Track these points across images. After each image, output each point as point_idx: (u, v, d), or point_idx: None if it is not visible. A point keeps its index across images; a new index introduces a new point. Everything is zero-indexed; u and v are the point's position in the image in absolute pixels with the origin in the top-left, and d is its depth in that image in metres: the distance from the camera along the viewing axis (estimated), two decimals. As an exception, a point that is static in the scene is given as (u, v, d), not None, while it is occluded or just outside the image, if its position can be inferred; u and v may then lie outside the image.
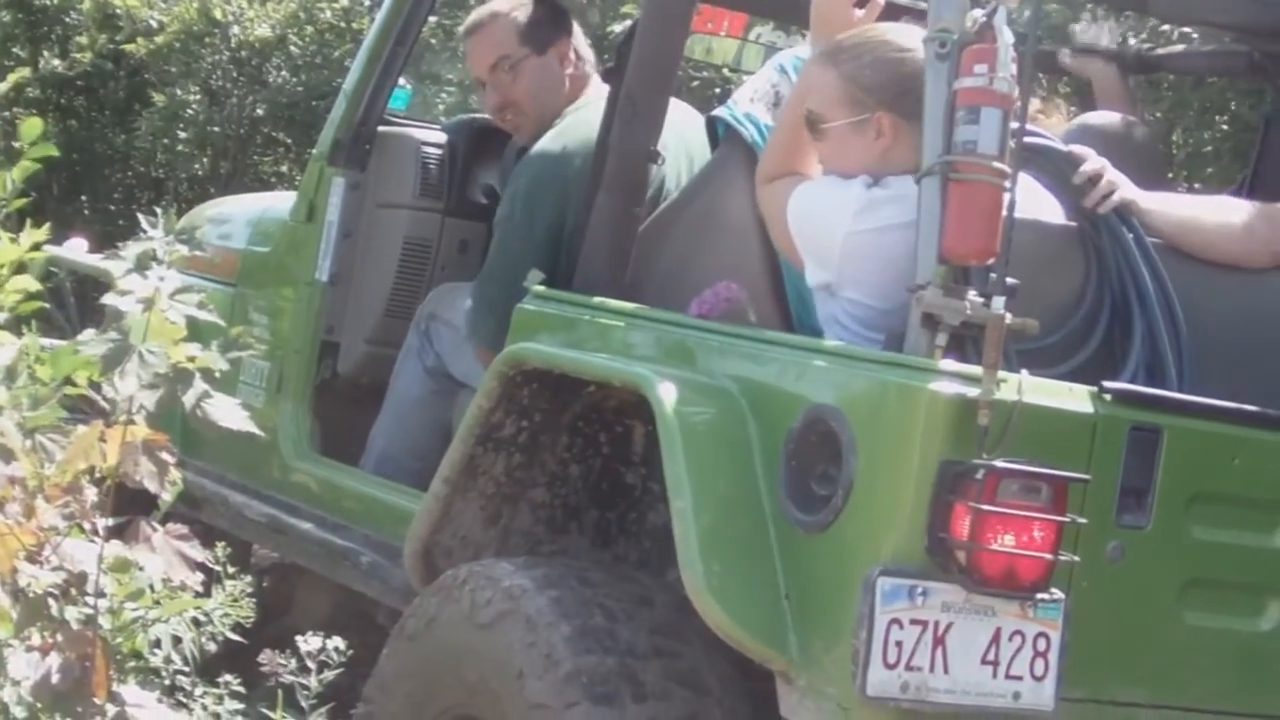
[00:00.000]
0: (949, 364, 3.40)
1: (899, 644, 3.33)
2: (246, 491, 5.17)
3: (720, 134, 4.38)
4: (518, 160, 4.83)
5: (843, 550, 3.43)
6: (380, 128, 5.16)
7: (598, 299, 4.15)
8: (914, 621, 3.34)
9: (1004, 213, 3.46)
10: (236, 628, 3.99)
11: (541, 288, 4.29)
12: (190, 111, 9.99)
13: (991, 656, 3.39)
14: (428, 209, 5.15)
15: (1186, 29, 5.83)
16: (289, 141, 9.79)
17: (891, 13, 4.03)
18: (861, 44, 3.81)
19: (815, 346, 3.64)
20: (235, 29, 9.84)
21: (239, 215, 5.78)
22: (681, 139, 4.56)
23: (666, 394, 3.62)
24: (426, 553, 4.19)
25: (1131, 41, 5.74)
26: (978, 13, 3.56)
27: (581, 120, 4.64)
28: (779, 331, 3.90)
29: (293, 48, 9.68)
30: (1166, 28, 5.97)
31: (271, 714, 4.27)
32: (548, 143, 4.65)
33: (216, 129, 9.87)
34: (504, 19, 4.88)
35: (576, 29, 4.92)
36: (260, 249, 5.45)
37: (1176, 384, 3.71)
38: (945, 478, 3.33)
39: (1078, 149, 3.83)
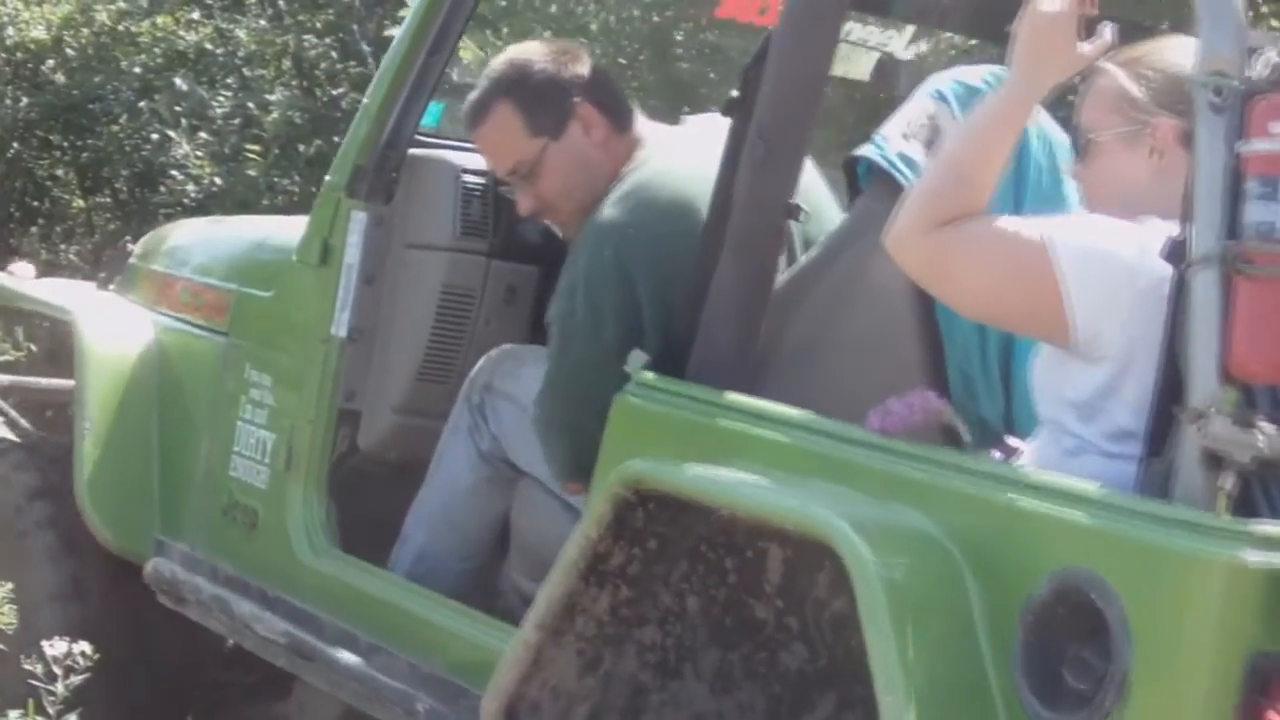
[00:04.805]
0: (1257, 525, 2.60)
1: None
2: (249, 593, 4.27)
3: (861, 177, 3.55)
4: None
5: (1113, 765, 2.63)
6: (410, 150, 4.25)
7: (731, 395, 3.32)
8: None
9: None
10: None
11: (649, 374, 3.45)
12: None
13: None
14: (469, 251, 4.24)
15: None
16: (65, 144, 9.64)
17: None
18: (1141, 46, 3.12)
19: (1061, 486, 2.81)
20: (10, 30, 9.63)
21: (222, 245, 4.84)
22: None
23: (866, 549, 2.80)
24: (510, 708, 3.36)
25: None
26: (1271, 52, 2.74)
27: (643, 182, 3.76)
28: (1004, 460, 3.06)
29: (69, 50, 9.51)
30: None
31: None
32: (606, 217, 3.73)
33: (-9, 131, 9.73)
34: (502, 112, 3.93)
35: (590, 70, 3.98)
36: (259, 293, 4.51)
37: None
38: (1257, 676, 2.55)
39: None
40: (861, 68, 4.63)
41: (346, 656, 3.93)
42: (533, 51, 4.01)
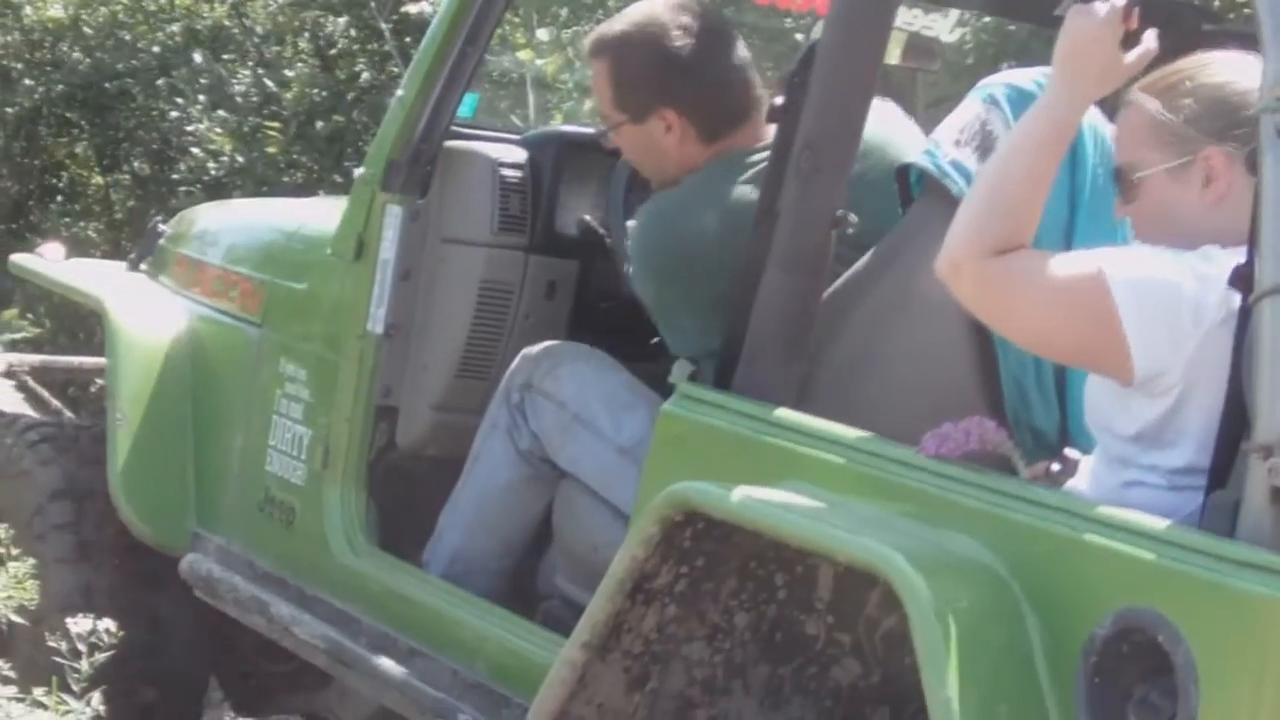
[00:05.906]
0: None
1: None
2: (287, 592, 4.22)
3: (914, 185, 3.47)
4: (628, 188, 3.93)
5: (1179, 811, 2.58)
6: (445, 143, 4.17)
7: (780, 411, 3.25)
8: None
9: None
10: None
11: (692, 386, 3.39)
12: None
13: None
14: (508, 246, 4.17)
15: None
16: (83, 122, 9.63)
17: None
18: (1171, 73, 2.98)
19: (1125, 521, 2.74)
20: (27, 9, 9.58)
21: (255, 232, 4.75)
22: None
23: (922, 583, 2.74)
24: (555, 727, 3.32)
25: None
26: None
27: (706, 181, 3.75)
28: (1062, 490, 2.99)
29: (85, 29, 9.47)
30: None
31: (44, 699, 3.86)
32: (664, 203, 3.75)
33: (10, 109, 9.61)
34: (600, 69, 3.85)
35: (702, 76, 3.81)
36: (293, 285, 4.43)
37: None
38: (1326, 722, 2.50)
39: None
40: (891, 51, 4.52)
41: (387, 663, 3.88)
42: (661, 29, 3.80)
